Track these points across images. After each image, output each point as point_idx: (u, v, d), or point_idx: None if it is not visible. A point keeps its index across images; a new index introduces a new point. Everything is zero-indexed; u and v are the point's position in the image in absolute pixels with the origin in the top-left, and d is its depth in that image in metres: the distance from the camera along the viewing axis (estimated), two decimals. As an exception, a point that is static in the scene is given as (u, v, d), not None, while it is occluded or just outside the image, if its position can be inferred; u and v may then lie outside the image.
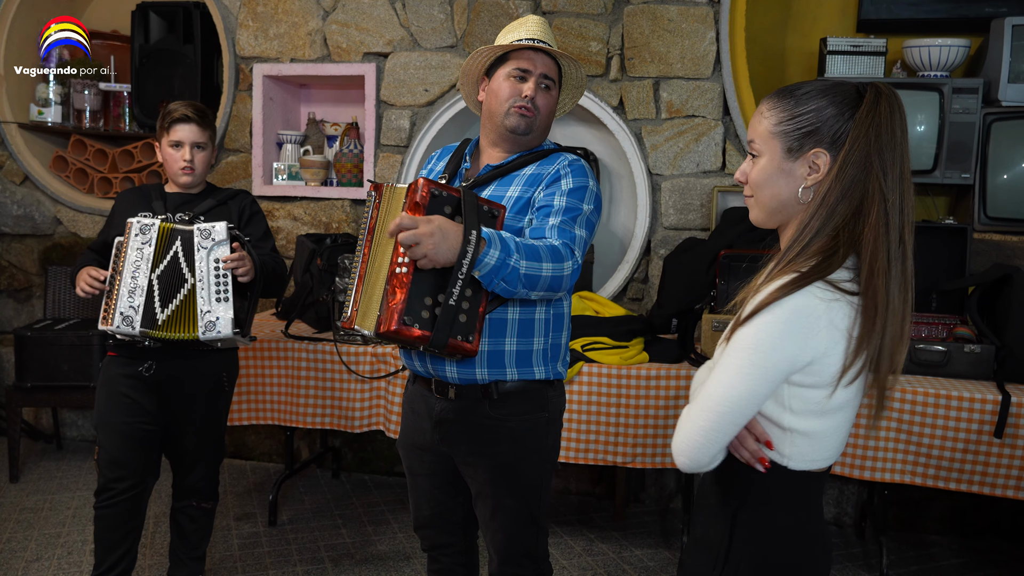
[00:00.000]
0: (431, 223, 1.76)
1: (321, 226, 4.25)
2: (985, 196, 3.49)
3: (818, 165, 1.36)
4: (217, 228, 2.56)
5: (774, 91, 1.44)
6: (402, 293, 1.80)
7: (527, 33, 2.08)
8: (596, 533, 3.66)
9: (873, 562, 3.44)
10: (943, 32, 3.66)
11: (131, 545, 2.73)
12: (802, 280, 1.30)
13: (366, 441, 4.26)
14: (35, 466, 4.21)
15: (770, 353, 1.30)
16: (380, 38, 4.09)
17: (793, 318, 1.29)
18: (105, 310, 2.56)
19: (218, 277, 2.56)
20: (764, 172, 1.41)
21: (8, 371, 4.62)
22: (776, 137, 1.39)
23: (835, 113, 1.35)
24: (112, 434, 2.65)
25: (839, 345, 1.31)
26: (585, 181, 2.04)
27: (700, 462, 1.36)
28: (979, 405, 2.84)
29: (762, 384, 1.31)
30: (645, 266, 3.94)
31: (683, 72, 3.79)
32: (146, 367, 2.64)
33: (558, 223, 1.96)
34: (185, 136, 2.68)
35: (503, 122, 2.08)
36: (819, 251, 1.34)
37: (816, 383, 1.33)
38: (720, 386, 1.33)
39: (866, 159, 1.32)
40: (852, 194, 1.33)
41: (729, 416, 1.32)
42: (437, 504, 2.20)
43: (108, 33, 4.68)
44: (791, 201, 1.40)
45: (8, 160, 4.56)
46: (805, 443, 1.36)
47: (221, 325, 2.53)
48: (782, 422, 1.35)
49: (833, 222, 1.34)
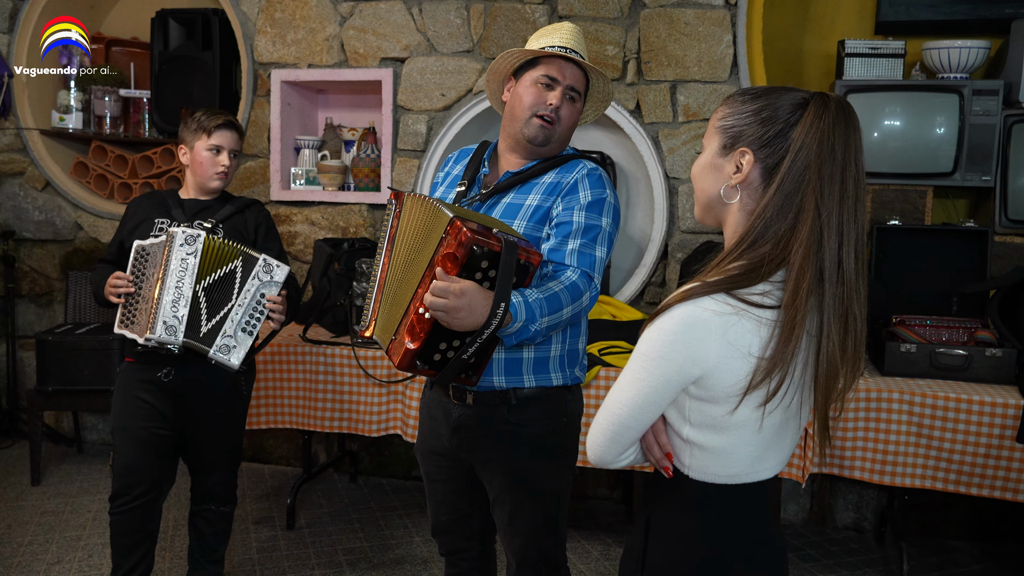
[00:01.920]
0: (461, 298, 1.73)
1: (338, 231, 4.27)
2: (1006, 199, 3.46)
3: (742, 164, 1.32)
4: (280, 270, 2.62)
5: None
6: (418, 342, 1.80)
7: (561, 40, 2.05)
8: (613, 538, 3.65)
9: (893, 568, 3.41)
10: (962, 33, 3.63)
11: (148, 550, 2.74)
12: (703, 289, 1.26)
13: (384, 445, 4.27)
14: (56, 469, 4.25)
15: (658, 361, 1.27)
16: (397, 43, 4.10)
17: (680, 328, 1.25)
18: (128, 317, 2.57)
19: (255, 310, 2.60)
20: (700, 166, 1.39)
21: (29, 375, 4.66)
22: (717, 132, 1.37)
23: (770, 116, 1.30)
24: (129, 439, 2.67)
25: (734, 361, 1.25)
26: (603, 193, 2.02)
27: (605, 459, 1.38)
28: (1000, 409, 2.81)
29: (653, 392, 1.29)
30: (662, 270, 3.93)
31: (700, 75, 3.79)
32: (164, 373, 2.65)
33: (577, 247, 1.96)
34: (226, 142, 2.73)
35: (522, 129, 2.05)
36: (746, 262, 1.28)
37: (711, 397, 1.28)
38: (618, 390, 1.34)
39: (804, 172, 1.26)
40: (786, 208, 1.27)
41: (626, 420, 1.33)
42: (455, 510, 2.20)
43: (128, 40, 4.73)
44: (716, 198, 1.37)
45: (30, 166, 4.61)
46: (704, 456, 1.33)
47: (234, 355, 2.58)
48: (681, 432, 1.34)
49: (767, 236, 1.28)
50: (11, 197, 4.65)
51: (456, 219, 1.75)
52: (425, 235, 1.87)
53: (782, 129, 1.29)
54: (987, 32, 3.63)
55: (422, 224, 1.90)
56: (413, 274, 1.88)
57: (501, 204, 2.07)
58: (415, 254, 1.89)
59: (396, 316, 1.89)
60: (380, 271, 1.98)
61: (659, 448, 1.36)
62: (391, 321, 1.91)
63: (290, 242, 4.31)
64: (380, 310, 1.97)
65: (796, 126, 1.28)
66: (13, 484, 4.04)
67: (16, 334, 4.65)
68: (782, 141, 1.29)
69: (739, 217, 1.35)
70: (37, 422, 4.03)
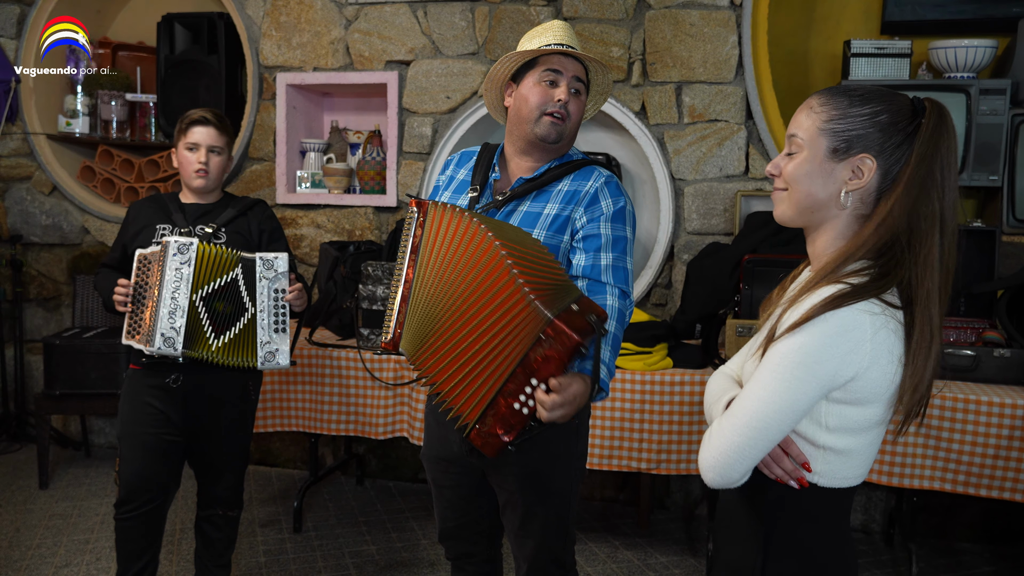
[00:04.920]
0: (574, 399, 1.74)
1: (344, 233, 4.27)
2: (1014, 198, 3.45)
3: (862, 171, 1.32)
4: (280, 260, 2.60)
5: (826, 88, 1.39)
6: (514, 434, 1.79)
7: (554, 38, 2.04)
8: (621, 540, 3.64)
9: (902, 569, 3.40)
10: (969, 33, 3.62)
11: (153, 554, 2.74)
12: (853, 295, 1.26)
13: (390, 448, 4.27)
14: (64, 473, 4.26)
15: (814, 368, 1.25)
16: (402, 46, 4.11)
17: (837, 331, 1.25)
18: (135, 327, 2.55)
19: (277, 307, 2.61)
20: (802, 168, 1.36)
21: (37, 379, 4.68)
22: (823, 134, 1.34)
23: (890, 122, 1.31)
24: (137, 446, 2.65)
25: (881, 361, 1.27)
26: (622, 201, 2.05)
27: (730, 479, 1.32)
28: (1009, 410, 2.80)
29: (803, 400, 1.27)
30: (668, 271, 3.92)
31: (705, 76, 3.78)
32: (173, 379, 2.63)
33: (611, 263, 2.00)
34: (201, 138, 2.65)
35: (533, 130, 2.03)
36: (866, 266, 1.30)
37: (854, 400, 1.29)
38: (757, 401, 1.29)
39: (928, 179, 1.28)
40: (913, 215, 1.29)
41: (765, 433, 1.29)
42: (462, 515, 2.20)
43: (134, 44, 4.75)
44: (827, 203, 1.35)
45: (37, 171, 4.63)
46: (838, 461, 1.33)
47: (281, 356, 2.61)
48: (816, 439, 1.32)
49: (888, 241, 1.30)
50: (18, 201, 4.67)
51: (557, 321, 1.70)
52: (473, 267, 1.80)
53: (904, 138, 1.31)
54: (994, 31, 3.61)
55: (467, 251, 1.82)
56: (462, 315, 1.81)
57: (518, 212, 2.05)
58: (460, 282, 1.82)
59: (432, 343, 1.85)
60: (403, 281, 1.91)
61: (789, 460, 1.33)
62: (423, 335, 1.87)
63: (296, 245, 4.32)
64: (407, 323, 1.91)
65: (915, 135, 1.31)
66: (21, 488, 4.05)
67: (24, 338, 4.67)
68: (906, 149, 1.31)
69: (848, 221, 1.35)
70: (45, 426, 4.04)
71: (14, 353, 4.65)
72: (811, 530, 1.37)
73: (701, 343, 3.34)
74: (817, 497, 1.35)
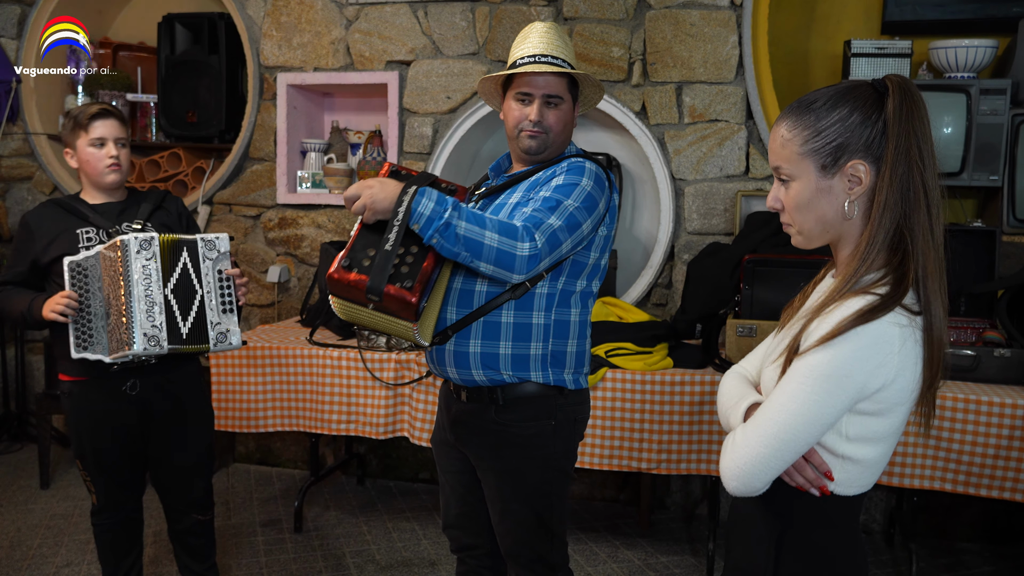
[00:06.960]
0: (373, 187, 1.86)
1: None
2: (1014, 198, 3.45)
3: (859, 176, 1.31)
4: (221, 240, 2.52)
5: (786, 109, 1.37)
6: (347, 248, 1.89)
7: (531, 49, 2.06)
8: (621, 540, 3.64)
9: (903, 569, 3.40)
10: (969, 33, 3.62)
11: (135, 559, 2.75)
12: (882, 307, 1.26)
13: (391, 447, 4.28)
14: (65, 473, 4.26)
15: (843, 381, 1.25)
16: (402, 46, 4.11)
17: (870, 345, 1.24)
18: (85, 338, 2.43)
19: (223, 288, 2.51)
20: (802, 196, 1.35)
21: (38, 379, 4.68)
22: (807, 157, 1.32)
23: (861, 119, 1.30)
24: (103, 467, 2.58)
25: (907, 372, 1.28)
26: (578, 179, 2.00)
27: (753, 487, 1.31)
28: (1009, 410, 2.80)
29: (831, 412, 1.27)
30: (669, 271, 3.93)
31: (706, 76, 3.78)
32: (130, 386, 2.54)
33: (530, 210, 1.96)
34: (107, 132, 2.54)
35: (517, 144, 2.12)
36: (884, 265, 1.30)
37: (877, 411, 1.29)
38: (785, 412, 1.28)
39: (907, 154, 1.28)
40: (904, 193, 1.29)
41: (791, 444, 1.28)
42: (464, 503, 2.25)
43: (135, 45, 4.75)
44: (837, 219, 1.34)
45: (38, 171, 4.63)
46: (855, 470, 1.34)
47: (233, 337, 2.51)
48: (836, 449, 1.32)
49: (893, 231, 1.30)
50: (19, 202, 4.67)
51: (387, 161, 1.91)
52: None
53: (881, 126, 1.30)
54: (994, 31, 3.61)
55: None
56: None
57: (493, 205, 2.14)
58: None
59: None
60: None
61: (812, 469, 1.33)
62: None
63: (296, 245, 4.32)
64: None
65: (883, 118, 1.30)
66: (22, 488, 4.06)
67: (24, 338, 4.67)
68: (883, 137, 1.30)
69: (860, 222, 1.35)
70: (46, 426, 4.04)
71: (15, 353, 4.65)
72: (826, 534, 1.38)
73: (701, 343, 3.34)
74: (832, 503, 1.35)
